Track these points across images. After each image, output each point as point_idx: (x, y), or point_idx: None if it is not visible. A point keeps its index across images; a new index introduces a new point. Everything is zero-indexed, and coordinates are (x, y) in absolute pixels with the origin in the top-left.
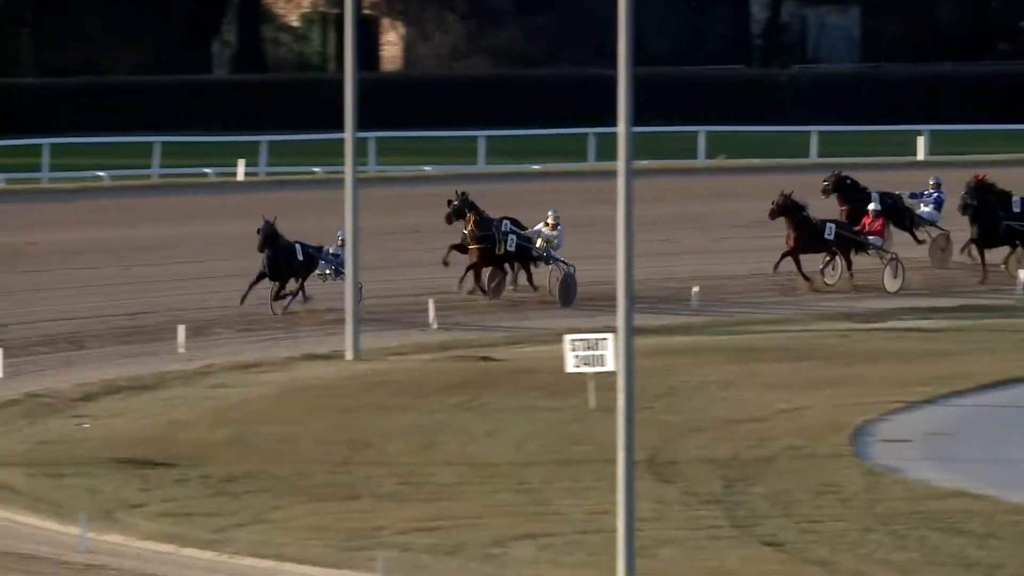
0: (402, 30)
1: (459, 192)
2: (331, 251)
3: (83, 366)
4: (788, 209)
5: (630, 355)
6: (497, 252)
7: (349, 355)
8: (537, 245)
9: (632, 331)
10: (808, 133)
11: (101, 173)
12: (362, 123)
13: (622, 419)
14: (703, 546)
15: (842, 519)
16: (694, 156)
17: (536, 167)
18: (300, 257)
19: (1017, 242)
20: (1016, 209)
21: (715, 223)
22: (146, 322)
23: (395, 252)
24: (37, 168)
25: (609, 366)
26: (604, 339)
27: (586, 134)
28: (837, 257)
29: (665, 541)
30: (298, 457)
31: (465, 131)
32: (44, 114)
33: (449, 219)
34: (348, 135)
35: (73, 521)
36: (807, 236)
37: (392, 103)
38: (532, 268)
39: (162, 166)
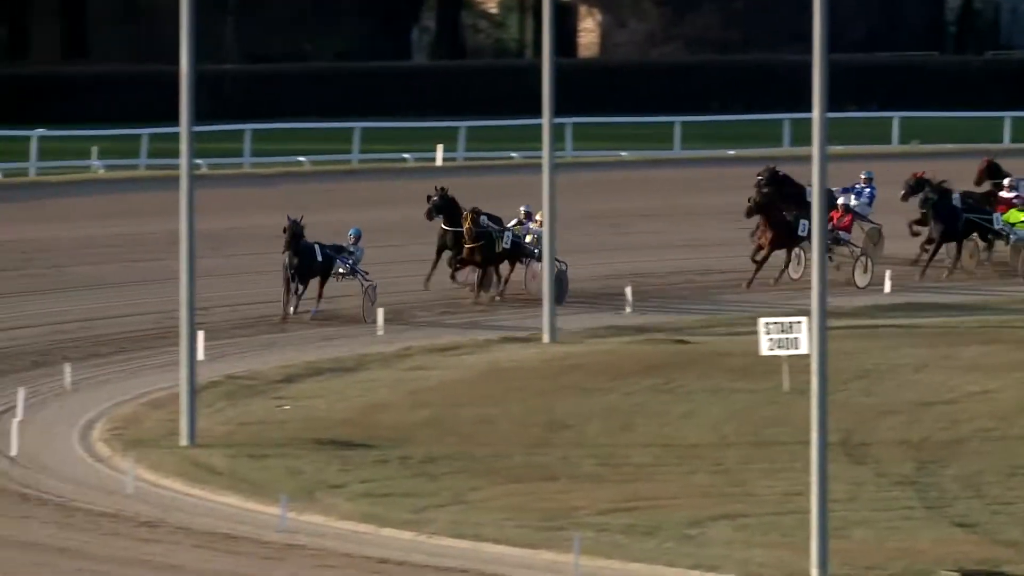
0: (599, 17)
1: (439, 188)
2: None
3: (284, 348)
4: (764, 207)
5: (823, 338)
6: (496, 250)
7: (546, 337)
8: (527, 241)
9: (825, 314)
10: (1001, 119)
11: (301, 158)
12: (559, 109)
13: (816, 401)
14: (895, 527)
15: None
16: (888, 141)
17: (731, 152)
18: (319, 258)
19: (975, 236)
20: (958, 206)
21: (912, 208)
22: (346, 305)
23: (592, 236)
24: (239, 153)
25: (803, 349)
26: (798, 322)
27: (781, 120)
28: (804, 253)
29: (858, 522)
30: (496, 438)
31: (661, 117)
32: (246, 100)
33: (430, 215)
34: (545, 120)
35: (273, 501)
36: (783, 233)
37: (589, 89)
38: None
39: (361, 151)
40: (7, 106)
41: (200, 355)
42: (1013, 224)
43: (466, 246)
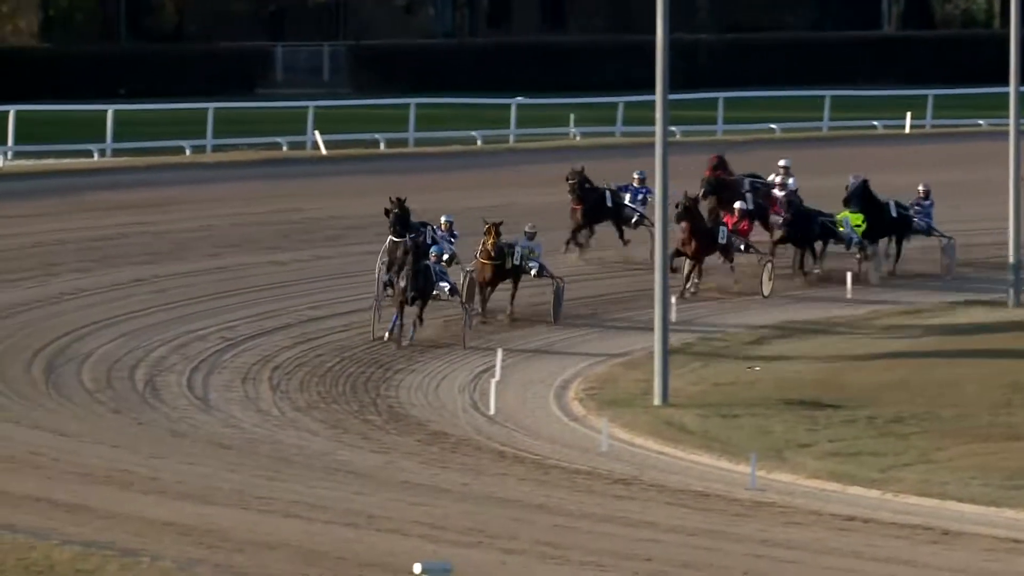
0: None
1: (394, 199)
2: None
3: (754, 311)
4: (691, 213)
5: None
6: (507, 267)
7: (1010, 302)
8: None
9: None
10: None
11: (773, 125)
12: None
13: None
14: None
15: None
16: None
17: None
18: (435, 279)
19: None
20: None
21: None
22: (827, 266)
23: None
24: (712, 121)
25: None
26: None
27: None
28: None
29: None
30: (961, 399)
31: None
32: (719, 69)
33: (394, 228)
34: (1012, 88)
35: (744, 460)
36: (706, 241)
37: None
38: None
39: (831, 119)
40: (489, 74)
41: (672, 317)
42: (853, 227)
43: (482, 262)
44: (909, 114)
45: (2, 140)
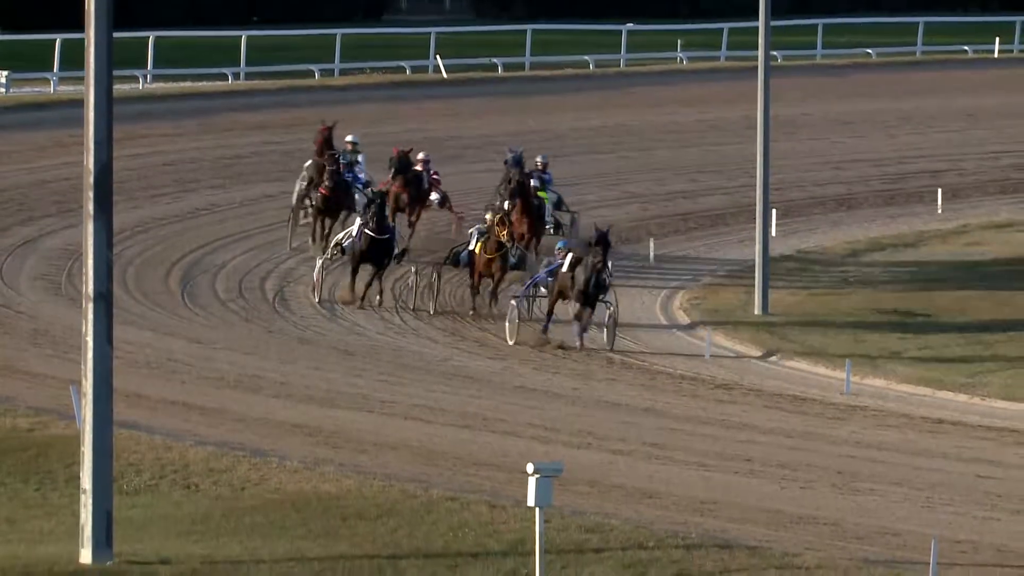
0: None
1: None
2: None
3: (850, 225)
4: (525, 189)
5: None
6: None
7: None
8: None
9: None
10: None
11: (869, 50)
12: None
13: None
14: None
15: None
16: None
17: None
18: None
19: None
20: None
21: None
22: (907, 185)
23: None
24: (812, 46)
25: None
26: None
27: None
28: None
29: None
30: None
31: None
32: None
33: (374, 212)
34: None
35: (839, 367)
36: (538, 220)
37: None
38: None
39: (924, 44)
40: (601, 1)
41: (772, 231)
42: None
43: (486, 256)
44: (998, 39)
45: (142, 64)
